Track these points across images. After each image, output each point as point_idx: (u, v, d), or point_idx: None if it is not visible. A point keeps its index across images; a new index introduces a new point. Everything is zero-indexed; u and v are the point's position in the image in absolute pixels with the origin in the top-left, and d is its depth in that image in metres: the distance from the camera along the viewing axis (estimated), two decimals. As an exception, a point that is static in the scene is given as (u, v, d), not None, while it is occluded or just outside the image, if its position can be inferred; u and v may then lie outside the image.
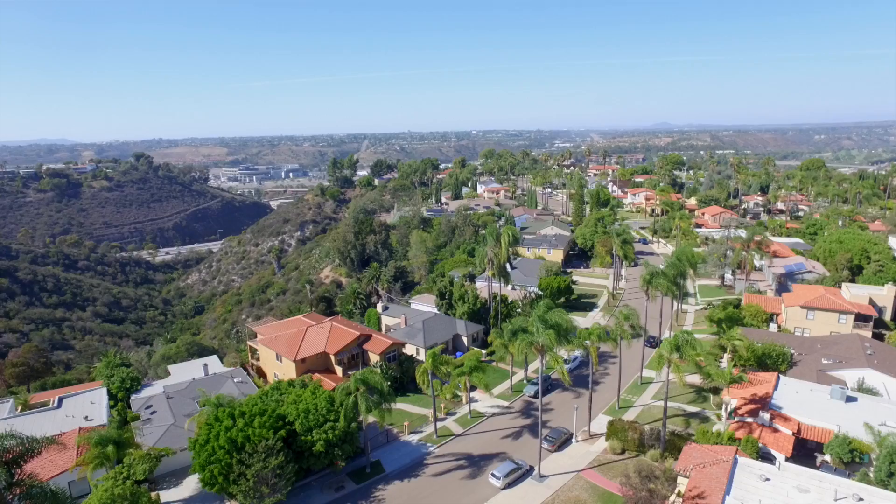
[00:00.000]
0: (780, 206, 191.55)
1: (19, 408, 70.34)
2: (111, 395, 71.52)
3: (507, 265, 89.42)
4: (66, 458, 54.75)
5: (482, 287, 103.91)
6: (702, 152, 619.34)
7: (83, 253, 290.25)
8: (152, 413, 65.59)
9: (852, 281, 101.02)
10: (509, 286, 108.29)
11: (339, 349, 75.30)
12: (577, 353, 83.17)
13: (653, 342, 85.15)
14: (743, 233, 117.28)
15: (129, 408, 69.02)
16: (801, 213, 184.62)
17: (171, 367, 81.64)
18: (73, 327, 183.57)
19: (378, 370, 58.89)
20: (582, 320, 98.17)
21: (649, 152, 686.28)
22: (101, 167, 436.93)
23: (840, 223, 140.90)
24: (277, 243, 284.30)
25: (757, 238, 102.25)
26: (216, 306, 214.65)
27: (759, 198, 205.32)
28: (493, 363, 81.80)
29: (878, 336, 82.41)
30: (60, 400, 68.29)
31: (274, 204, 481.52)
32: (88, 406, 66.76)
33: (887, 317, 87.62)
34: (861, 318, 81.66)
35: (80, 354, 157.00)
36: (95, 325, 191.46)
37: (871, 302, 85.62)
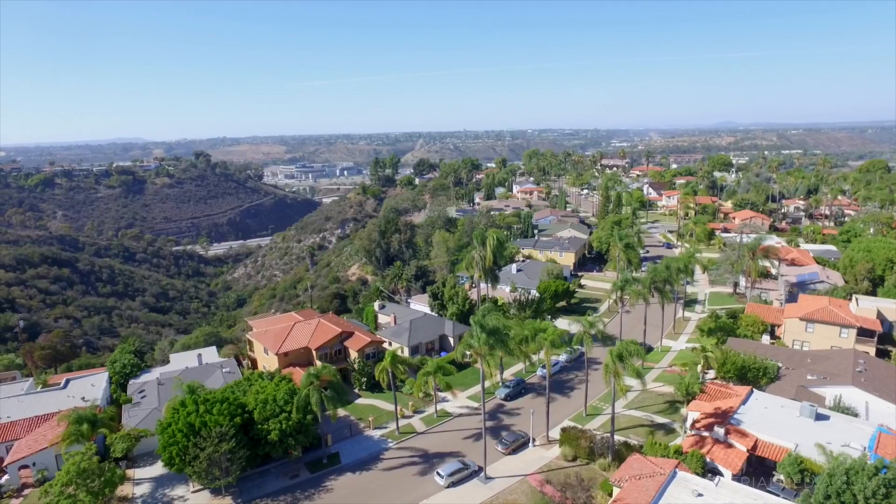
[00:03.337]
0: (823, 210, 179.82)
1: (39, 386, 78.20)
2: (112, 380, 77.96)
3: (496, 268, 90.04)
4: (57, 435, 60.66)
5: (482, 289, 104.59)
6: (766, 153, 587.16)
7: (142, 246, 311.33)
8: (143, 397, 71.24)
9: (873, 292, 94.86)
10: (507, 288, 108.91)
11: (321, 345, 78.77)
12: (563, 356, 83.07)
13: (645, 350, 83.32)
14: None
15: (125, 391, 75.03)
16: (846, 219, 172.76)
17: (172, 356, 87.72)
18: (122, 315, 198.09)
19: (328, 366, 61.37)
20: (576, 326, 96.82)
21: (709, 152, 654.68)
22: (164, 165, 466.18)
23: (871, 230, 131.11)
24: (319, 240, 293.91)
25: (764, 245, 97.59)
26: (254, 300, 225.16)
27: (801, 202, 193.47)
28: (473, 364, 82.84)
29: (883, 353, 77.44)
30: (67, 381, 75.21)
31: (326, 201, 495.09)
32: (89, 388, 73.27)
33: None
34: (864, 333, 76.94)
35: (125, 341, 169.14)
36: (142, 315, 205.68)
37: (880, 316, 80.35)
